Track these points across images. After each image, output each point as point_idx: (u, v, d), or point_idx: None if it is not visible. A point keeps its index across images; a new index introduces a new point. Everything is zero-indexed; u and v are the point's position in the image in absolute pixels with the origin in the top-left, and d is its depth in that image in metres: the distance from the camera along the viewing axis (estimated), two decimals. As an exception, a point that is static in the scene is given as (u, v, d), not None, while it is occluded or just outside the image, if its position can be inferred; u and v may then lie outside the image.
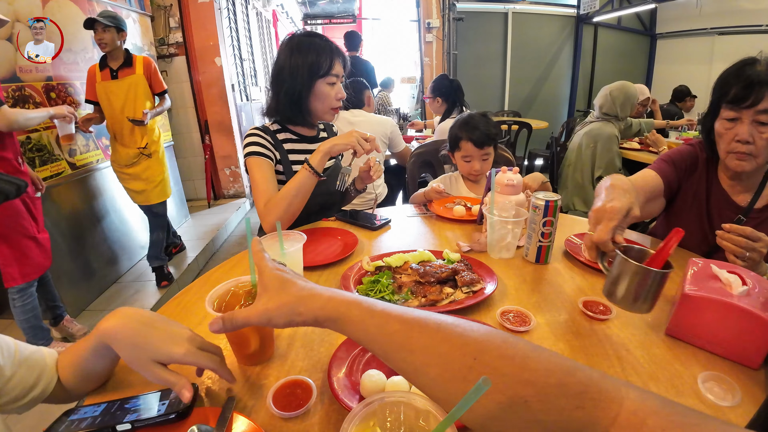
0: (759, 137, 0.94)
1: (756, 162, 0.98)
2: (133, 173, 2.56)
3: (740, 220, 1.03)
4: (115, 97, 2.40)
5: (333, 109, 1.33)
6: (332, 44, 1.29)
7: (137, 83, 2.45)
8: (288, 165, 1.33)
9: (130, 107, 2.44)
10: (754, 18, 4.81)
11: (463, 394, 0.34)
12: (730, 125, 0.99)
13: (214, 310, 0.62)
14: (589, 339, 0.72)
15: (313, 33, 1.32)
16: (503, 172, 1.14)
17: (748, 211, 1.04)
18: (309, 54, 1.25)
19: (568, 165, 2.89)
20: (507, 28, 5.84)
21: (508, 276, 0.95)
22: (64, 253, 2.39)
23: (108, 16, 2.26)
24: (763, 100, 0.92)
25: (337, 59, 1.28)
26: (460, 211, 1.33)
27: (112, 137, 2.53)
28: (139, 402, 0.58)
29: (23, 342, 0.59)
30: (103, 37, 2.27)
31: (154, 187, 2.61)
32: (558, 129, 4.94)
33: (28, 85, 2.17)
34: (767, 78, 0.91)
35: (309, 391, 0.59)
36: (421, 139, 3.26)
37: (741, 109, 0.95)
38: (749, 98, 0.93)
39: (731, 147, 0.99)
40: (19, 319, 1.89)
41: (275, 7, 6.44)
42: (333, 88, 1.30)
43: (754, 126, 0.95)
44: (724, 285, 0.69)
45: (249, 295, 0.67)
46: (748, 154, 0.97)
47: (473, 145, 1.49)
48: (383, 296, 0.82)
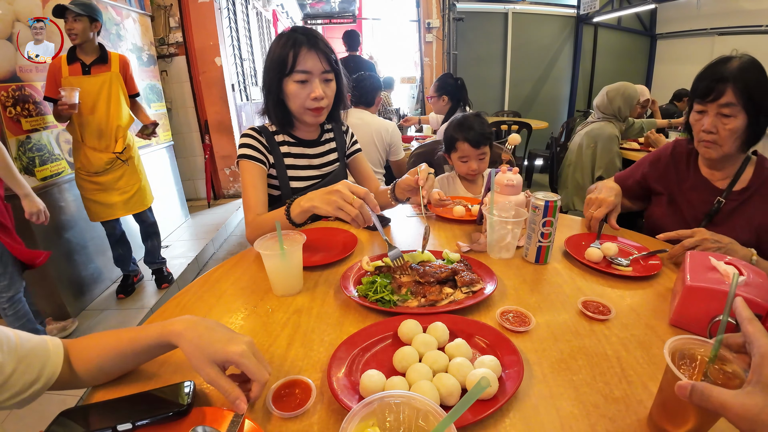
0: (722, 128, 1.06)
1: (722, 150, 1.09)
2: (105, 182, 2.27)
3: (719, 202, 1.13)
4: (87, 95, 2.13)
5: (311, 110, 1.19)
6: (303, 36, 1.14)
7: (112, 81, 2.22)
8: (283, 169, 1.27)
9: (103, 108, 2.21)
10: (754, 18, 4.80)
11: None
12: (698, 117, 1.11)
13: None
14: (589, 339, 0.72)
15: (296, 27, 1.19)
16: (503, 172, 1.14)
17: (727, 193, 1.13)
18: (277, 49, 1.14)
19: (568, 165, 2.89)
20: (507, 28, 5.83)
21: (507, 276, 0.95)
22: (64, 253, 2.39)
23: (80, 3, 2.04)
24: (724, 95, 1.03)
25: (307, 54, 1.12)
26: (459, 211, 1.33)
27: (78, 140, 2.23)
28: (139, 401, 0.58)
29: (25, 333, 0.59)
30: (74, 27, 2.04)
31: (129, 198, 2.36)
32: (558, 129, 4.93)
33: (28, 84, 2.17)
34: (731, 75, 1.02)
35: (308, 391, 0.59)
36: (421, 139, 3.26)
37: (706, 103, 1.08)
38: (712, 93, 1.05)
39: (699, 137, 1.11)
40: (13, 327, 1.88)
41: (275, 7, 6.44)
42: (304, 86, 1.16)
43: (718, 118, 1.06)
44: (723, 276, 0.72)
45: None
46: (713, 143, 1.09)
47: (469, 145, 1.50)
48: (383, 296, 0.82)
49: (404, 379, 0.60)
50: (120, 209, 2.34)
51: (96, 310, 2.48)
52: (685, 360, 0.52)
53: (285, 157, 1.28)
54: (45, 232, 2.21)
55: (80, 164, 2.25)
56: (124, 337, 0.62)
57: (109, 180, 2.27)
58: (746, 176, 1.12)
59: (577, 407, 0.57)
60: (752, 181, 1.11)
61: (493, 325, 0.74)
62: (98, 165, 2.24)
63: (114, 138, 2.27)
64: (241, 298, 0.89)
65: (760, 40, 4.73)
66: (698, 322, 0.72)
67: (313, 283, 0.95)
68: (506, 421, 0.55)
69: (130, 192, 2.36)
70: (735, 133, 1.05)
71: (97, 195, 2.28)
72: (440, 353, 0.64)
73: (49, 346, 0.59)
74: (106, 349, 0.61)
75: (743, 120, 1.04)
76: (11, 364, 0.54)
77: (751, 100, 1.02)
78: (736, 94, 1.02)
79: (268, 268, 0.89)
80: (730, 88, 1.02)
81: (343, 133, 1.43)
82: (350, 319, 0.80)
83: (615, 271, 0.95)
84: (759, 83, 1.03)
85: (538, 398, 0.59)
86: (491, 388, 0.57)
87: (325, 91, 1.19)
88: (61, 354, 0.60)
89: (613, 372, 0.64)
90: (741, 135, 1.06)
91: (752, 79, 1.02)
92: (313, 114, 1.21)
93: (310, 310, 0.84)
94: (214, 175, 4.45)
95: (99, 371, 0.62)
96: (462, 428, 0.53)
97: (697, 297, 0.71)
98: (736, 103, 1.02)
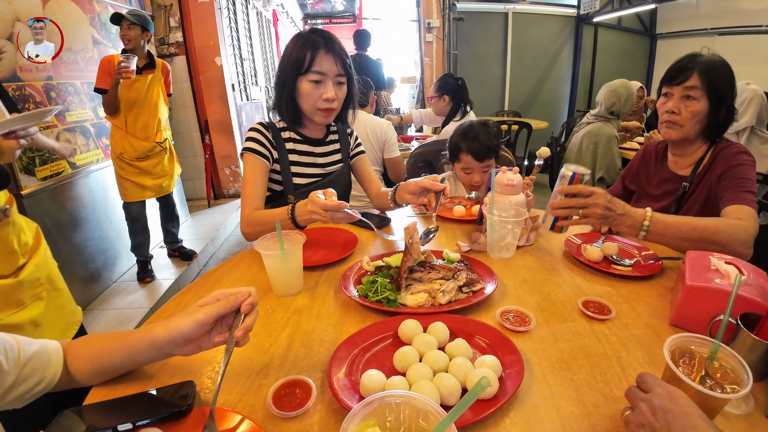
0: (684, 109, 1.15)
1: (682, 131, 1.17)
2: (144, 167, 2.61)
3: (685, 187, 1.21)
4: (136, 92, 2.48)
5: (322, 111, 1.22)
6: (321, 40, 1.18)
7: (156, 82, 2.59)
8: (287, 165, 1.29)
9: (148, 104, 2.55)
10: (754, 18, 4.80)
11: None
12: (665, 100, 1.20)
13: None
14: (589, 339, 0.72)
15: (315, 29, 1.23)
16: (503, 172, 1.14)
17: (691, 178, 1.21)
18: (295, 50, 1.18)
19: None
20: (507, 28, 5.83)
21: (508, 276, 0.95)
22: (64, 253, 2.39)
23: (136, 14, 2.39)
24: (689, 79, 1.13)
25: (324, 56, 1.17)
26: (459, 211, 1.33)
27: (122, 129, 2.53)
28: (139, 401, 0.58)
29: (25, 338, 0.59)
30: (128, 34, 2.38)
31: (161, 183, 2.71)
32: (558, 129, 4.94)
33: (28, 84, 2.17)
34: (698, 65, 1.12)
35: (309, 391, 0.59)
36: (421, 139, 3.26)
37: (672, 86, 1.17)
38: (679, 77, 1.14)
39: (663, 117, 1.20)
40: None
41: (275, 7, 6.44)
42: (318, 87, 1.19)
43: (681, 100, 1.15)
44: (723, 275, 0.72)
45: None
46: (674, 123, 1.17)
47: (473, 158, 1.47)
48: (385, 296, 0.82)
49: (404, 378, 0.60)
50: (152, 191, 2.69)
51: (96, 310, 2.48)
52: (684, 358, 0.52)
53: (290, 153, 1.30)
54: (45, 232, 2.20)
55: (122, 149, 2.56)
56: (114, 341, 0.62)
57: (148, 165, 2.63)
58: (707, 160, 1.21)
59: (577, 407, 0.57)
60: (708, 162, 1.19)
61: (494, 325, 0.74)
62: (141, 151, 2.59)
63: (155, 129, 2.63)
64: (241, 298, 0.89)
65: (760, 40, 4.74)
66: (698, 322, 0.72)
67: (313, 283, 0.95)
68: (506, 421, 0.55)
69: (163, 177, 2.71)
70: (696, 116, 1.14)
71: (136, 177, 2.62)
72: (440, 353, 0.64)
73: (49, 350, 0.60)
74: (97, 352, 0.62)
75: (705, 105, 1.13)
76: (15, 370, 0.54)
77: (714, 88, 1.12)
78: (702, 79, 1.11)
79: (268, 268, 0.89)
80: (696, 73, 1.12)
81: (348, 135, 1.45)
82: (350, 319, 0.80)
83: (615, 271, 0.95)
84: (722, 76, 1.12)
85: (539, 398, 0.59)
86: (491, 388, 0.57)
87: (337, 94, 1.22)
88: (60, 357, 0.60)
89: (614, 372, 0.64)
90: (702, 120, 1.15)
91: (717, 71, 1.12)
92: (324, 114, 1.24)
93: (310, 310, 0.84)
94: (214, 175, 4.44)
95: (91, 373, 0.62)
96: (462, 428, 0.53)
97: (697, 297, 0.71)
98: (700, 87, 1.12)
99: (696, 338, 0.53)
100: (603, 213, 0.93)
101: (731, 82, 1.13)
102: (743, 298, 0.66)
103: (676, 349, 0.52)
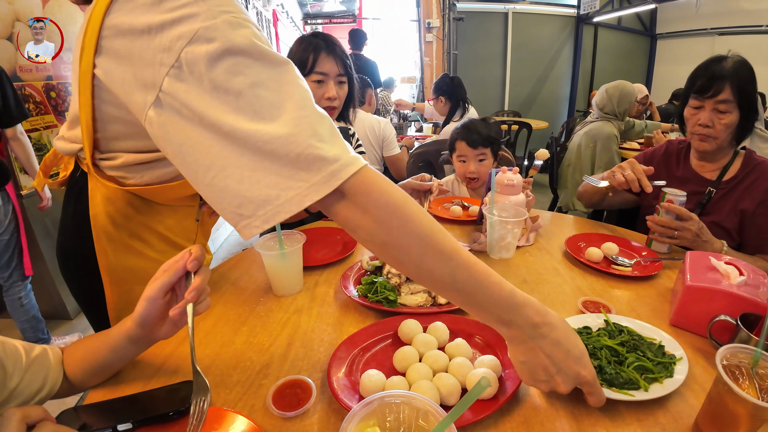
0: (718, 122, 1.13)
1: (716, 143, 1.16)
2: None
3: (711, 192, 1.19)
4: None
5: (324, 109, 1.28)
6: (322, 42, 1.24)
7: None
8: None
9: None
10: (754, 18, 4.80)
11: None
12: (695, 112, 1.17)
13: None
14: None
15: (317, 33, 1.29)
16: (503, 172, 1.14)
17: (717, 183, 1.19)
18: (299, 52, 1.23)
19: (568, 165, 2.89)
20: (507, 28, 5.83)
21: (508, 276, 0.95)
22: (64, 252, 2.39)
23: None
24: (722, 92, 1.10)
25: (325, 57, 1.22)
26: (456, 211, 1.33)
27: None
28: (139, 401, 0.58)
29: (27, 343, 0.59)
30: None
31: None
32: (558, 129, 4.93)
33: (28, 84, 2.17)
34: (728, 74, 1.09)
35: (309, 391, 0.59)
36: (421, 139, 3.26)
37: (704, 99, 1.13)
38: (711, 89, 1.11)
39: (695, 130, 1.18)
40: (24, 319, 1.95)
41: (275, 7, 6.44)
42: (320, 86, 1.24)
43: (714, 113, 1.13)
44: (723, 275, 0.72)
45: None
46: (708, 136, 1.16)
47: (467, 145, 1.49)
48: (385, 296, 0.82)
49: (404, 378, 0.60)
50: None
51: (96, 310, 2.48)
52: (731, 369, 0.50)
53: None
54: (45, 232, 2.21)
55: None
56: (97, 340, 0.61)
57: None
58: (734, 168, 1.20)
59: (577, 407, 0.57)
60: (739, 172, 1.18)
61: (493, 325, 0.74)
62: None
63: None
64: (241, 298, 0.89)
65: (760, 40, 4.73)
66: (698, 322, 0.71)
67: (313, 283, 0.95)
68: (506, 421, 0.55)
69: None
70: (729, 128, 1.13)
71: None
72: (440, 353, 0.64)
73: (49, 356, 0.60)
74: (86, 353, 0.61)
75: (737, 116, 1.12)
76: (18, 373, 0.54)
77: (745, 99, 1.10)
78: (733, 92, 1.09)
79: (268, 268, 0.89)
80: (727, 85, 1.09)
81: (350, 137, 1.47)
82: (350, 319, 0.80)
83: (615, 271, 0.95)
84: (750, 82, 1.11)
85: (539, 398, 0.59)
86: (491, 388, 0.57)
87: (338, 93, 1.27)
88: (60, 361, 0.61)
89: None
90: (734, 130, 1.15)
91: (745, 78, 1.10)
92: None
93: (310, 310, 0.84)
94: (214, 175, 4.44)
95: (83, 375, 0.61)
96: (462, 428, 0.53)
97: (697, 297, 0.72)
98: (732, 99, 1.10)
99: (739, 348, 0.51)
100: (692, 239, 0.99)
101: (755, 84, 1.12)
102: (743, 298, 0.66)
103: (724, 360, 0.50)
